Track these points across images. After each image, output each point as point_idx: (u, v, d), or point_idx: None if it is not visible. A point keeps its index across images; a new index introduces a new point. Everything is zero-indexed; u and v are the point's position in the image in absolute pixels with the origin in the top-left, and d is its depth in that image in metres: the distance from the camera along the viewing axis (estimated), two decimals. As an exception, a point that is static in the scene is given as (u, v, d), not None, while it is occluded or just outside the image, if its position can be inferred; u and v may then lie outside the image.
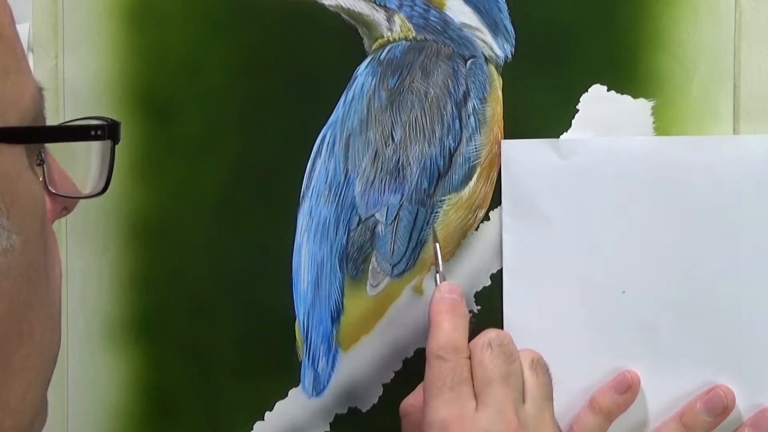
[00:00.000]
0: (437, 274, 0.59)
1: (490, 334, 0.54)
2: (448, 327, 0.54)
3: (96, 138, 0.44)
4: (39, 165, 0.42)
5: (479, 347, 0.53)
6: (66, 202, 0.46)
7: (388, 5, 0.62)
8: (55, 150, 0.44)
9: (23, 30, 0.66)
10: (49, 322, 0.43)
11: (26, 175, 0.40)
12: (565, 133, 0.60)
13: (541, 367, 0.54)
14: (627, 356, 0.60)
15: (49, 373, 0.44)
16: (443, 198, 0.62)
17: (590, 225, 0.60)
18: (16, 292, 0.40)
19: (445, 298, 0.55)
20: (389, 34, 0.62)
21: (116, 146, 0.46)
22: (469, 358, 0.53)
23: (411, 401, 0.57)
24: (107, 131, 0.44)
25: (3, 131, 0.38)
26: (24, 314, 0.41)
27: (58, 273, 0.44)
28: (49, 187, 0.43)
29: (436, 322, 0.54)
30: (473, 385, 0.52)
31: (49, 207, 0.43)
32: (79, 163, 0.46)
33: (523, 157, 0.60)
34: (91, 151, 0.47)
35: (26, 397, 0.41)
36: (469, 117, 0.61)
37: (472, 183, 0.61)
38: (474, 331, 0.61)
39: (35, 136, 0.41)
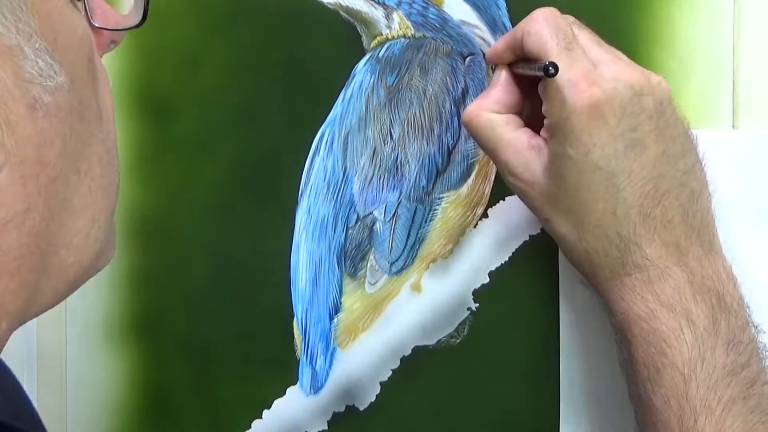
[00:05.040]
0: None
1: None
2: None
3: None
4: (79, 0, 0.42)
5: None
6: (113, 35, 0.46)
7: (386, 3, 0.61)
8: None
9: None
10: (106, 156, 0.43)
11: (66, 12, 0.40)
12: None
13: None
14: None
15: (112, 207, 0.44)
16: (442, 195, 0.61)
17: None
18: (68, 130, 0.40)
19: None
20: (388, 31, 0.62)
21: None
22: None
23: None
24: None
25: None
26: (80, 152, 0.41)
27: (110, 107, 0.45)
28: (92, 21, 0.43)
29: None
30: None
31: (96, 41, 0.43)
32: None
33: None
34: None
35: (90, 234, 0.42)
36: (467, 114, 0.61)
37: (470, 180, 0.61)
38: (473, 330, 0.62)
39: None
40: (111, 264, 0.64)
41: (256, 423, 0.64)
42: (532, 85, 0.54)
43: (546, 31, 0.52)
